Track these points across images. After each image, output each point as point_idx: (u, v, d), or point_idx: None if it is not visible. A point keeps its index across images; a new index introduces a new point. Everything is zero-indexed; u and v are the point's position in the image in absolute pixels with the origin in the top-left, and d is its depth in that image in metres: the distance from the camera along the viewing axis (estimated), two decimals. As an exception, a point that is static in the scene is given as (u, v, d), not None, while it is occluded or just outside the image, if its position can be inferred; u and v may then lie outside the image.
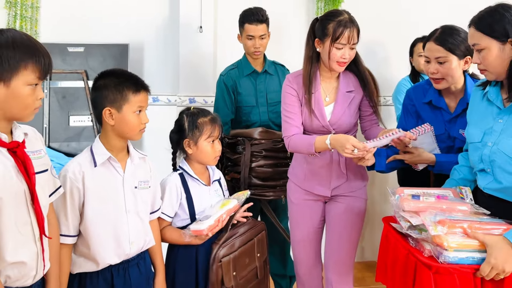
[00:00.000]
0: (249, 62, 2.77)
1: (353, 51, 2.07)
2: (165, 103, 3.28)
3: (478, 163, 1.68)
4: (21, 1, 3.00)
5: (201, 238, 1.88)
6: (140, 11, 3.23)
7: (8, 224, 1.34)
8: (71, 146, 2.95)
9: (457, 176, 1.86)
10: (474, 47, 1.65)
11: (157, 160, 1.96)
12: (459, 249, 1.46)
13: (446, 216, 1.53)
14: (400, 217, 1.64)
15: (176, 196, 1.96)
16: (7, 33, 1.34)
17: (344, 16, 2.05)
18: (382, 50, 3.57)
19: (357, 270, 3.20)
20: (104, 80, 1.72)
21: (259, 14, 2.66)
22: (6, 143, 1.34)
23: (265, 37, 2.70)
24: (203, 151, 2.00)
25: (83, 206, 1.67)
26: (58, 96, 2.95)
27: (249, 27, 2.67)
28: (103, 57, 3.01)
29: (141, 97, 1.72)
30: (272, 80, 2.79)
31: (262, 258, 2.11)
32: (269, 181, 2.42)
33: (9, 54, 1.31)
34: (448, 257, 1.45)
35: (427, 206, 1.59)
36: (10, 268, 1.35)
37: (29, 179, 1.37)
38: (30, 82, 1.35)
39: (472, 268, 1.46)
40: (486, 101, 1.71)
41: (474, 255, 1.46)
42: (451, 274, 1.45)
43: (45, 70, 1.37)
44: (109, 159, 1.71)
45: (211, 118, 2.03)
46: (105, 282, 1.72)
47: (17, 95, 1.33)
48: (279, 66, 2.86)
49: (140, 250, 1.80)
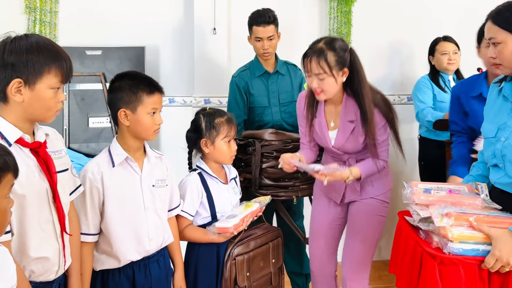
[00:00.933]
0: (260, 63, 2.79)
1: (322, 81, 2.01)
2: (180, 104, 3.34)
3: (492, 158, 1.68)
4: (40, 6, 3.09)
5: (225, 236, 1.93)
6: (155, 15, 3.29)
7: (31, 222, 1.38)
8: (91, 147, 3.02)
9: (475, 172, 1.86)
10: (491, 41, 1.65)
11: (174, 159, 2.01)
12: (464, 241, 1.48)
13: (454, 209, 1.55)
14: (412, 211, 1.67)
15: (198, 195, 2.00)
16: (31, 38, 1.38)
17: (316, 44, 2.05)
18: (407, 49, 3.58)
19: (374, 269, 3.19)
20: (119, 82, 1.77)
21: (266, 15, 2.67)
22: (29, 143, 1.39)
23: (273, 38, 2.70)
24: (220, 150, 2.04)
25: (103, 205, 1.72)
26: (77, 98, 3.03)
27: (257, 29, 2.68)
28: (120, 60, 3.07)
29: (155, 99, 1.75)
30: (284, 80, 2.81)
31: (277, 265, 2.14)
32: (281, 182, 2.44)
33: (34, 59, 1.35)
34: (453, 248, 1.47)
35: (437, 200, 1.61)
36: (34, 263, 1.40)
37: (51, 178, 1.42)
38: (53, 85, 1.39)
39: (477, 260, 1.47)
40: (502, 97, 1.71)
41: (479, 247, 1.48)
42: (455, 265, 1.46)
43: (67, 74, 1.42)
44: (127, 159, 1.75)
45: (228, 118, 2.07)
46: (127, 279, 1.76)
47: (40, 98, 1.38)
48: (291, 66, 2.88)
49: (160, 247, 1.84)
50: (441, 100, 3.09)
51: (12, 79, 1.33)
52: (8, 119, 1.37)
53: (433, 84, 3.12)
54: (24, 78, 1.34)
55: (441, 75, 3.16)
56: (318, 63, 1.98)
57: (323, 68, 1.98)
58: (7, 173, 1.12)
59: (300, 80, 2.84)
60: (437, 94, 3.11)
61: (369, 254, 2.21)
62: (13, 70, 1.33)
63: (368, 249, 2.20)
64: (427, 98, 3.10)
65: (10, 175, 1.13)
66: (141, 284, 1.78)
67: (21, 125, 1.38)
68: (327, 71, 1.98)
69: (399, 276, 1.71)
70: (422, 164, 3.19)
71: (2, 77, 1.34)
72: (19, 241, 1.37)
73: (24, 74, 1.34)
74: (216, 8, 3.21)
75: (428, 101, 3.09)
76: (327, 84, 2.02)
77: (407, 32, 3.55)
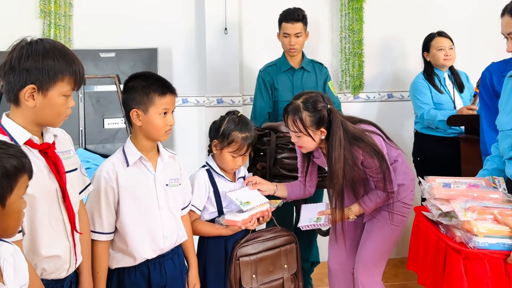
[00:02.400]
0: (287, 59, 2.89)
1: (300, 138, 2.04)
2: (194, 104, 3.36)
3: (508, 151, 1.66)
4: (55, 10, 3.15)
5: (232, 229, 1.95)
6: (167, 16, 3.32)
7: (42, 221, 1.41)
8: (106, 148, 3.07)
9: (490, 166, 1.83)
10: (510, 35, 1.62)
11: (187, 158, 2.04)
12: (489, 235, 1.46)
13: (476, 203, 1.53)
14: (431, 206, 1.66)
15: (205, 189, 2.03)
16: (47, 44, 1.39)
17: (292, 102, 2.06)
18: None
19: (390, 266, 3.18)
20: (133, 82, 1.78)
21: (295, 13, 2.80)
22: (37, 145, 1.41)
23: (300, 35, 2.82)
24: (225, 159, 2.06)
25: (118, 204, 1.74)
26: (93, 100, 3.08)
27: (286, 25, 2.81)
28: (134, 61, 3.11)
29: (167, 100, 1.76)
30: (309, 76, 2.90)
31: (291, 271, 2.10)
32: (295, 173, 2.45)
33: (49, 66, 1.37)
34: (478, 242, 1.46)
35: (458, 194, 1.59)
36: (45, 261, 1.43)
37: (60, 178, 1.44)
38: (65, 93, 1.41)
39: (503, 254, 1.45)
40: None
41: (505, 241, 1.46)
42: (481, 260, 1.44)
43: (80, 81, 1.44)
44: (141, 158, 1.77)
45: (244, 137, 2.04)
46: (143, 277, 1.78)
47: (52, 104, 1.40)
48: (317, 64, 2.97)
49: (174, 245, 1.86)
50: (438, 101, 3.04)
51: (26, 84, 1.36)
52: (18, 122, 1.39)
53: (429, 85, 3.06)
54: (38, 84, 1.36)
55: (435, 72, 3.10)
56: (293, 121, 2.02)
57: (298, 127, 2.01)
58: (24, 174, 1.14)
59: (325, 78, 2.94)
60: (434, 96, 3.05)
61: (383, 252, 2.21)
62: (28, 75, 1.35)
63: (383, 247, 2.20)
64: (427, 99, 3.04)
65: (25, 177, 1.15)
66: (157, 282, 1.80)
67: (30, 127, 1.41)
68: (302, 130, 2.01)
69: (421, 272, 1.69)
70: (418, 159, 3.16)
71: (17, 81, 1.36)
72: (30, 240, 1.40)
73: (38, 80, 1.36)
74: (227, 8, 3.23)
75: (429, 102, 3.04)
76: (304, 142, 2.05)
77: (420, 27, 3.51)
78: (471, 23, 3.50)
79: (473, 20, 3.51)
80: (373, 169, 2.05)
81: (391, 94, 3.56)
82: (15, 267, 1.16)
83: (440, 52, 3.04)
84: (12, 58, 1.36)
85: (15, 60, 1.35)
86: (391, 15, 3.51)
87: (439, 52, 3.04)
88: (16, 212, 1.15)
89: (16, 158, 1.12)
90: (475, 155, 2.44)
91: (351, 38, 3.43)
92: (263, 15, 3.38)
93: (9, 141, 1.36)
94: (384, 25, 3.50)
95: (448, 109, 2.98)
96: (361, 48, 3.42)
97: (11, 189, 1.11)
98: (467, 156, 2.66)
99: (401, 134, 3.46)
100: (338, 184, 2.01)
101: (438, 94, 3.05)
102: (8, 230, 1.15)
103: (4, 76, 1.37)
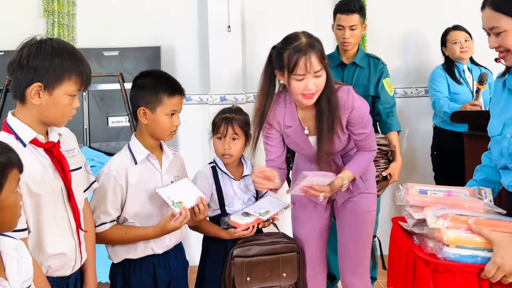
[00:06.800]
0: (338, 54, 2.72)
1: (319, 79, 1.75)
2: (197, 102, 3.37)
3: (499, 159, 1.52)
4: (58, 9, 3.15)
5: (231, 234, 1.95)
6: (170, 15, 3.32)
7: (47, 219, 1.43)
8: (111, 146, 3.08)
9: (479, 176, 1.68)
10: (492, 30, 1.44)
11: (190, 156, 2.04)
12: (462, 245, 1.30)
13: (452, 211, 1.36)
14: (406, 214, 1.50)
15: (208, 186, 2.03)
16: (55, 43, 1.41)
17: (300, 41, 1.74)
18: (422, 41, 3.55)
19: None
20: (143, 80, 1.79)
21: (351, 4, 2.59)
22: (43, 144, 1.43)
23: (356, 28, 2.61)
24: (215, 146, 2.07)
25: (126, 201, 1.75)
26: (97, 98, 3.09)
27: (340, 17, 2.62)
28: (137, 60, 3.12)
29: (175, 101, 1.77)
30: (362, 72, 2.70)
31: (290, 280, 1.99)
32: None
33: (57, 65, 1.38)
34: (448, 253, 1.30)
35: (432, 201, 1.44)
36: (51, 259, 1.44)
37: (65, 176, 1.46)
38: (70, 92, 1.42)
39: (476, 268, 1.29)
40: (507, 90, 1.54)
41: (478, 253, 1.29)
42: (451, 273, 1.29)
43: (86, 82, 1.45)
44: (148, 156, 1.78)
45: (223, 117, 2.05)
46: (148, 273, 1.80)
47: (57, 103, 1.41)
48: (373, 58, 2.75)
49: (178, 241, 1.88)
50: (455, 91, 3.07)
51: (33, 82, 1.37)
52: (23, 120, 1.41)
53: (447, 75, 3.11)
54: (45, 83, 1.38)
55: (456, 65, 3.15)
56: (318, 58, 1.73)
57: (322, 62, 1.75)
58: (12, 169, 1.15)
59: (379, 74, 2.71)
60: (450, 85, 3.09)
61: (366, 250, 2.09)
62: (35, 73, 1.37)
63: (366, 246, 2.08)
64: (442, 87, 3.09)
65: (15, 171, 1.16)
66: (162, 277, 1.81)
67: (35, 126, 1.42)
68: (324, 65, 1.76)
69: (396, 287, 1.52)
70: (435, 153, 3.17)
71: (24, 78, 1.37)
72: (36, 238, 1.41)
73: (45, 78, 1.37)
74: (230, 6, 3.22)
75: (444, 91, 3.08)
76: (322, 82, 1.77)
77: (422, 23, 3.52)
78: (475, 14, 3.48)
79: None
80: (363, 124, 1.88)
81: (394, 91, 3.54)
82: (19, 261, 1.17)
83: (456, 45, 3.10)
84: (21, 55, 1.38)
85: (24, 58, 1.37)
86: (394, 10, 3.50)
87: (455, 46, 3.11)
88: (11, 207, 1.15)
89: (1, 154, 1.13)
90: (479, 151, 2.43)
91: (354, 35, 3.42)
92: (266, 12, 3.37)
93: (14, 139, 1.37)
94: (386, 20, 3.49)
95: (465, 101, 2.98)
96: (364, 45, 3.41)
97: (1, 185, 1.11)
98: (472, 152, 2.65)
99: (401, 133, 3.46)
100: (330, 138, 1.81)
101: (455, 84, 3.08)
102: (6, 224, 1.16)
103: (13, 73, 1.39)
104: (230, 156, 2.04)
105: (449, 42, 3.15)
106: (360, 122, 1.88)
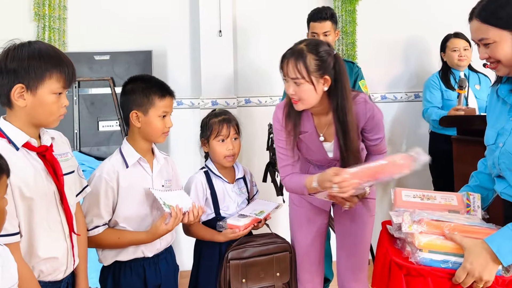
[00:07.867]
0: None
1: (299, 87, 1.76)
2: (188, 106, 3.37)
3: (493, 168, 1.53)
4: (49, 13, 3.14)
5: (227, 237, 1.97)
6: (161, 19, 3.33)
7: (40, 223, 1.42)
8: (101, 150, 3.07)
9: (473, 183, 1.70)
10: (481, 42, 1.43)
11: (182, 160, 2.05)
12: (434, 250, 1.33)
13: (431, 216, 1.39)
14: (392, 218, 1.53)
15: (202, 191, 2.05)
16: (34, 45, 1.42)
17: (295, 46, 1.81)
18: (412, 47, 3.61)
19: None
20: (133, 85, 1.82)
21: (323, 12, 2.73)
22: (35, 147, 1.43)
23: (329, 34, 2.74)
24: (215, 150, 2.08)
25: (117, 204, 1.76)
26: (87, 102, 3.08)
27: (314, 24, 2.74)
28: (128, 64, 3.12)
29: (166, 102, 1.80)
30: None
31: (283, 280, 2.04)
32: None
33: (35, 64, 1.38)
34: (421, 257, 1.33)
35: (414, 206, 1.47)
36: (43, 263, 1.44)
37: (58, 180, 1.46)
38: (54, 90, 1.42)
39: (447, 273, 1.32)
40: (500, 100, 1.55)
41: (450, 258, 1.33)
42: (423, 278, 1.31)
43: (69, 79, 1.45)
44: (139, 160, 1.80)
45: (221, 119, 2.09)
46: (138, 276, 1.81)
47: (43, 102, 1.41)
48: (348, 63, 2.84)
49: (168, 245, 1.89)
50: (448, 98, 3.13)
51: (14, 84, 1.37)
52: (15, 124, 1.41)
53: (441, 83, 3.17)
54: (26, 83, 1.38)
55: (452, 72, 3.21)
56: (295, 66, 1.74)
57: (300, 72, 1.74)
58: (2, 175, 1.16)
59: (355, 76, 2.84)
60: (444, 92, 3.16)
61: (365, 254, 2.10)
62: (15, 75, 1.37)
63: (365, 250, 2.10)
64: (433, 98, 3.16)
65: (4, 177, 1.17)
66: (152, 280, 1.82)
67: (27, 129, 1.42)
68: (304, 75, 1.74)
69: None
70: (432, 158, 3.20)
71: (5, 83, 1.38)
72: (28, 242, 1.41)
73: (25, 79, 1.38)
74: (222, 11, 3.24)
75: (434, 101, 3.16)
76: (304, 92, 1.76)
77: (412, 30, 3.57)
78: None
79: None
80: (378, 129, 1.89)
81: (384, 96, 3.59)
82: (2, 267, 1.16)
83: (455, 53, 3.17)
84: (0, 61, 1.39)
85: (2, 62, 1.38)
86: (385, 17, 3.55)
87: (454, 53, 3.17)
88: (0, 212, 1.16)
89: None
90: (468, 155, 2.46)
91: (344, 40, 3.46)
92: (257, 17, 3.40)
93: (7, 143, 1.37)
94: (377, 27, 3.53)
95: None
96: (354, 50, 3.45)
97: None
98: (460, 156, 2.69)
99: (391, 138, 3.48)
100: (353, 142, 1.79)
101: (449, 91, 3.14)
102: None
103: None
104: (233, 156, 2.08)
105: (448, 48, 3.21)
106: (376, 129, 1.91)
